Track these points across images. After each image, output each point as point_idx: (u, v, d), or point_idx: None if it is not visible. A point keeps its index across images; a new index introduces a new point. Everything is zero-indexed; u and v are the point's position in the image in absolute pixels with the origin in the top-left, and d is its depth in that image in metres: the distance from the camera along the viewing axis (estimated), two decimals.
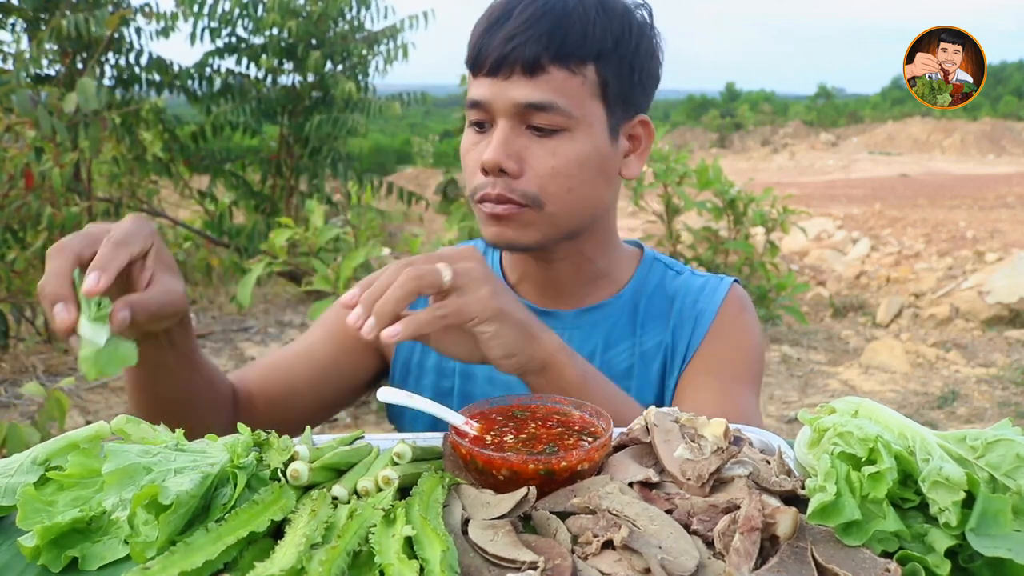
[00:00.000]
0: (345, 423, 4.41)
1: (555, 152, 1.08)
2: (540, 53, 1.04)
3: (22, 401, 4.14)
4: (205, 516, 0.69)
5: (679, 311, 1.24)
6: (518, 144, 1.08)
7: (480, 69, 1.09)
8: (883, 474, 0.64)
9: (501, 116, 1.08)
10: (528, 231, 1.10)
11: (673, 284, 1.27)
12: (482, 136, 1.12)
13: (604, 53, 1.08)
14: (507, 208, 1.08)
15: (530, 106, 1.06)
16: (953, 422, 4.66)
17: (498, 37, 1.06)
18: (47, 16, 5.80)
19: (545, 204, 1.09)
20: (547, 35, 1.04)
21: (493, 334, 0.92)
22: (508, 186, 1.08)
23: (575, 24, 1.06)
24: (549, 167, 1.08)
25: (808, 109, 43.65)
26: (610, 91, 1.10)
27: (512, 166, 1.07)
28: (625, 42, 1.10)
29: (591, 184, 1.12)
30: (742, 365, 1.21)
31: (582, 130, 1.09)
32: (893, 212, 12.93)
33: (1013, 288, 6.84)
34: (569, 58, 1.06)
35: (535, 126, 1.07)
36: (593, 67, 1.08)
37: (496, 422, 0.85)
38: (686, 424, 0.82)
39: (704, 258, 6.12)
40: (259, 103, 6.95)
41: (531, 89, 1.05)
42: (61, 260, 0.83)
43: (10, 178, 4.25)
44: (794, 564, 0.61)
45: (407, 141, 18.61)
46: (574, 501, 0.71)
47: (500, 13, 1.08)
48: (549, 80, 1.06)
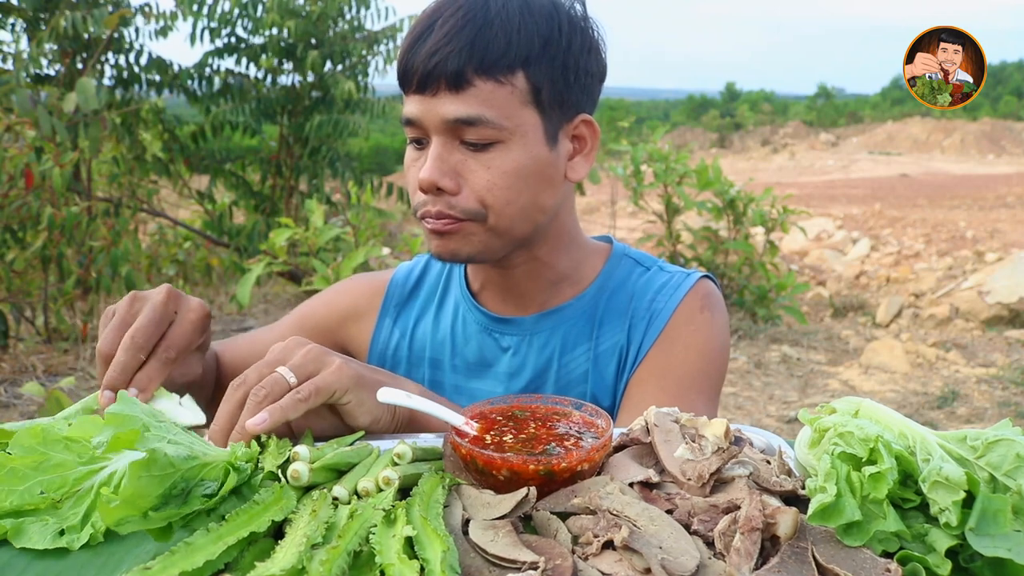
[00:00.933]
0: None
1: (490, 166, 1.05)
2: (463, 66, 1.02)
3: (22, 401, 4.14)
4: (183, 500, 0.69)
5: (635, 310, 1.19)
6: (453, 160, 1.06)
7: (408, 86, 1.06)
8: (883, 474, 0.64)
9: (433, 133, 1.06)
10: (470, 242, 1.09)
11: (637, 282, 1.22)
12: (421, 152, 1.10)
13: (532, 58, 1.04)
14: (447, 223, 1.07)
15: (459, 121, 1.03)
16: (953, 422, 4.66)
17: (422, 52, 1.03)
18: (47, 16, 5.80)
19: (487, 218, 1.07)
20: (469, 47, 1.01)
21: (357, 402, 0.89)
22: (447, 203, 1.06)
23: (497, 32, 1.02)
24: (485, 181, 1.06)
25: (808, 109, 43.67)
26: (543, 96, 1.07)
27: (448, 183, 1.05)
28: (555, 43, 1.06)
29: (531, 192, 1.09)
30: (695, 370, 1.15)
31: (516, 140, 1.06)
32: (893, 212, 12.94)
33: (1013, 288, 6.84)
34: (494, 68, 1.03)
35: (467, 141, 1.05)
36: (522, 74, 1.05)
37: (496, 422, 0.85)
38: (686, 424, 0.82)
39: (704, 258, 6.12)
40: (259, 103, 6.95)
41: (458, 104, 1.03)
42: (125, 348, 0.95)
43: (10, 178, 4.25)
44: (794, 564, 0.61)
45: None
46: (574, 501, 0.71)
47: (423, 28, 1.05)
48: (476, 93, 1.03)
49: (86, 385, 4.48)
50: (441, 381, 1.26)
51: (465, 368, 1.24)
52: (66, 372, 4.55)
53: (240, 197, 7.30)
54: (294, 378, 0.86)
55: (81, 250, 4.81)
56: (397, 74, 1.09)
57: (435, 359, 1.27)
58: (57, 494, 0.73)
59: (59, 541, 0.69)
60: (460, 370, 1.24)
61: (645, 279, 1.22)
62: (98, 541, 0.69)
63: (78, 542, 0.69)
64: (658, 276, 1.22)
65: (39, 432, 0.75)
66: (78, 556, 0.68)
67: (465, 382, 1.24)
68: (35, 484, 0.73)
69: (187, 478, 0.69)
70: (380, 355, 1.30)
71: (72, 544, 0.69)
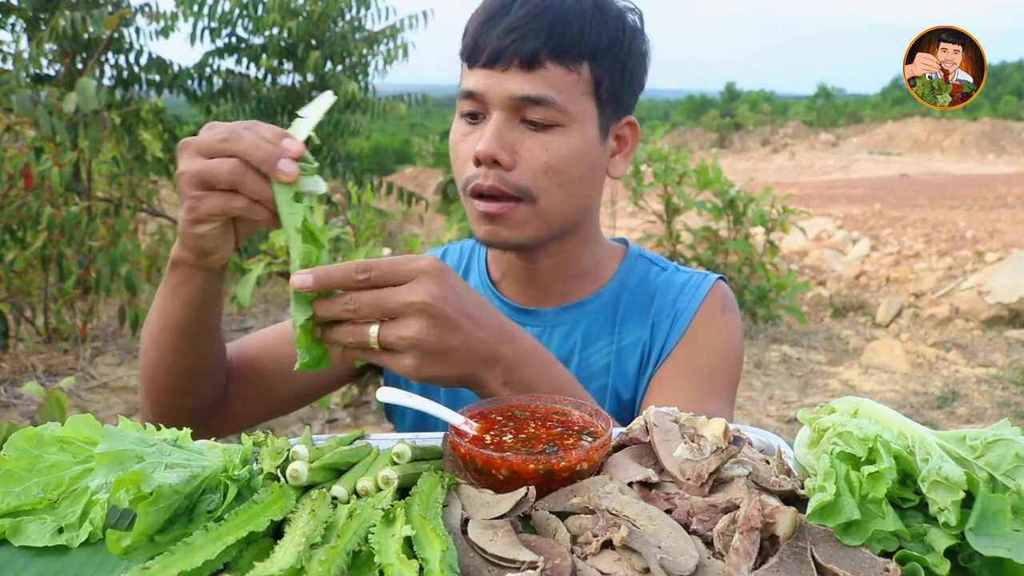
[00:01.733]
0: (345, 423, 4.41)
1: (548, 147, 1.08)
2: (539, 48, 1.05)
3: (22, 401, 4.14)
4: (188, 518, 0.70)
5: (658, 308, 1.23)
6: (511, 137, 1.08)
7: (476, 60, 1.09)
8: (882, 474, 0.64)
9: (496, 108, 1.08)
10: (521, 229, 1.11)
11: (656, 280, 1.26)
12: (474, 127, 1.12)
13: (599, 53, 1.09)
14: (501, 207, 1.09)
15: (526, 99, 1.06)
16: (953, 422, 4.66)
17: (497, 29, 1.06)
18: (47, 16, 5.80)
19: (538, 198, 1.09)
20: (546, 30, 1.05)
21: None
22: (501, 178, 1.07)
23: (573, 22, 1.07)
24: (542, 161, 1.08)
25: (808, 109, 43.68)
26: (603, 90, 1.11)
27: (506, 158, 1.07)
28: (619, 43, 1.11)
29: (581, 181, 1.12)
30: (716, 370, 1.19)
31: (575, 127, 1.09)
32: (893, 212, 12.94)
33: (1013, 288, 6.84)
34: (566, 55, 1.07)
35: (529, 120, 1.08)
36: (588, 66, 1.09)
37: (495, 422, 0.85)
38: (686, 424, 0.82)
39: (704, 258, 6.12)
40: (259, 103, 6.94)
41: (528, 83, 1.06)
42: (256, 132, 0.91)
43: (10, 178, 4.25)
44: (793, 564, 0.61)
45: (407, 141, 18.63)
46: (574, 501, 0.71)
47: (499, 6, 1.08)
48: (546, 75, 1.06)
49: (86, 385, 4.48)
50: None
51: None
52: (66, 372, 4.55)
53: None
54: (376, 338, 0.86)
55: (81, 250, 4.81)
56: (463, 48, 1.12)
57: None
58: (54, 494, 0.73)
59: (58, 539, 0.69)
60: None
61: (664, 278, 1.26)
62: (97, 539, 0.69)
63: (77, 540, 0.69)
64: (677, 276, 1.26)
65: (33, 434, 0.75)
66: (77, 554, 0.68)
67: None
68: (32, 485, 0.73)
69: (189, 497, 0.70)
70: None
71: (71, 542, 0.69)
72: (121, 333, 5.32)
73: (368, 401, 4.54)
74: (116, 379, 4.63)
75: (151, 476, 0.65)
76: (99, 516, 0.70)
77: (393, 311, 0.85)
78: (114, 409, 4.26)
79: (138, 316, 4.89)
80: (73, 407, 4.01)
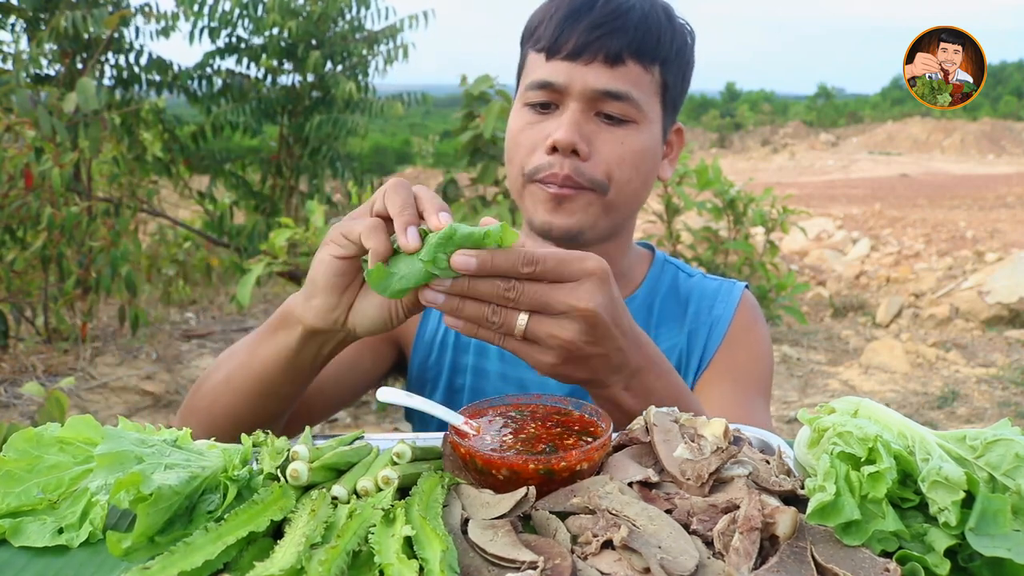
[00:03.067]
0: (345, 423, 4.41)
1: (623, 141, 1.12)
2: (624, 46, 1.10)
3: (22, 401, 4.14)
4: (188, 519, 0.70)
5: (695, 314, 1.26)
6: (588, 128, 1.11)
7: (557, 53, 1.12)
8: (882, 474, 0.64)
9: (574, 100, 1.11)
10: (587, 212, 1.12)
11: (686, 286, 1.30)
12: (543, 117, 1.14)
13: (669, 58, 1.15)
14: (573, 191, 1.11)
15: (607, 93, 1.10)
16: (953, 422, 4.66)
17: (582, 24, 1.10)
18: (47, 16, 5.80)
19: (609, 190, 1.12)
20: (632, 30, 1.10)
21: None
22: (576, 168, 1.10)
23: (652, 26, 1.12)
24: (617, 155, 1.12)
25: (808, 109, 43.67)
26: (668, 95, 1.17)
27: (584, 148, 1.10)
28: (683, 53, 1.18)
29: (645, 179, 1.17)
30: (754, 372, 1.24)
31: (646, 125, 1.14)
32: (893, 212, 12.94)
33: (1013, 288, 6.84)
34: (645, 56, 1.12)
35: (606, 114, 1.12)
36: (659, 69, 1.15)
37: (495, 422, 0.85)
38: (686, 424, 0.82)
39: (704, 258, 6.12)
40: (259, 103, 6.94)
41: (610, 78, 1.10)
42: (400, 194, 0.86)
43: (10, 178, 4.24)
44: (794, 564, 0.61)
45: (407, 141, 18.62)
46: (574, 501, 0.71)
47: (581, 3, 1.12)
48: (626, 72, 1.11)
49: (86, 385, 4.48)
50: (486, 369, 1.26)
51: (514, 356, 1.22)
52: (66, 372, 4.55)
53: (240, 197, 7.30)
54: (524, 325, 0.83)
55: (81, 250, 4.80)
56: (539, 39, 1.14)
57: (481, 345, 1.27)
58: (54, 495, 0.73)
59: (58, 539, 0.69)
60: (508, 358, 1.24)
61: (693, 284, 1.31)
62: (97, 539, 0.69)
63: (77, 540, 0.69)
64: (706, 283, 1.31)
65: (33, 435, 0.75)
66: (77, 554, 0.69)
67: (513, 370, 1.25)
68: (32, 485, 0.73)
69: (189, 497, 0.70)
70: (428, 342, 1.29)
71: (71, 542, 0.69)
72: (121, 333, 5.32)
73: (368, 401, 4.54)
74: (116, 379, 4.63)
75: (151, 477, 0.65)
76: (99, 516, 0.70)
77: (554, 309, 0.82)
78: (114, 409, 4.26)
79: (138, 316, 4.90)
80: (73, 407, 4.01)
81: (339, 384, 1.22)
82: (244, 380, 1.02)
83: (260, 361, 0.99)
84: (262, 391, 1.01)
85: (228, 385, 1.03)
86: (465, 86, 4.58)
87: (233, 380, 1.03)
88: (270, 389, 1.01)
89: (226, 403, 1.04)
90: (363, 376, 1.26)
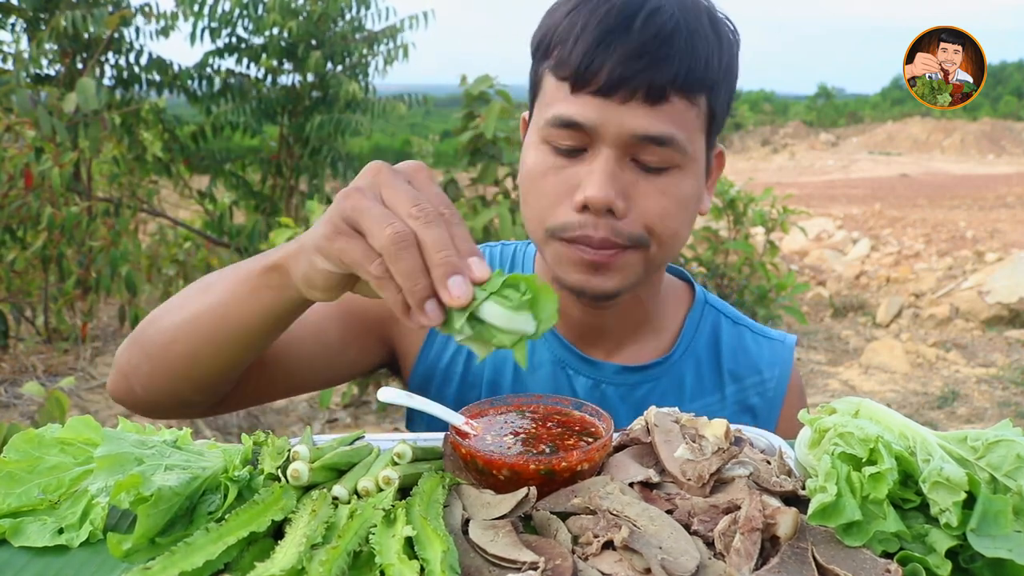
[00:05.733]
0: (345, 423, 4.41)
1: (665, 191, 0.94)
2: (668, 80, 0.90)
3: (22, 401, 4.14)
4: (189, 520, 0.70)
5: (734, 372, 1.13)
6: (624, 179, 0.93)
7: (585, 86, 0.91)
8: (884, 475, 0.64)
9: (607, 144, 0.92)
10: (625, 275, 0.97)
11: (731, 342, 1.15)
12: (570, 162, 0.95)
13: (717, 83, 0.96)
14: (612, 255, 0.94)
15: (648, 138, 0.91)
16: (953, 422, 4.66)
17: (617, 51, 0.89)
18: (47, 16, 5.80)
19: (649, 246, 0.96)
20: (678, 58, 0.90)
21: None
22: (613, 228, 0.93)
23: (700, 49, 0.92)
24: (660, 208, 0.94)
25: (808, 109, 43.66)
26: (714, 123, 0.99)
27: (621, 205, 0.92)
28: (732, 69, 0.99)
29: (689, 224, 1.00)
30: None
31: (690, 167, 0.96)
32: (893, 212, 12.94)
33: (1013, 288, 6.84)
34: (691, 87, 0.92)
35: (643, 161, 0.93)
36: (705, 98, 0.95)
37: (496, 422, 0.85)
38: (686, 425, 0.82)
39: (704, 258, 6.12)
40: (259, 103, 6.94)
41: (652, 119, 0.91)
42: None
43: (10, 178, 4.24)
44: (795, 564, 0.61)
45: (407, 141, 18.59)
46: (575, 501, 0.71)
47: (615, 22, 0.90)
48: (670, 111, 0.91)
49: (86, 385, 4.48)
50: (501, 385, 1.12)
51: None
52: (66, 372, 4.55)
53: (240, 197, 7.30)
54: None
55: (81, 250, 4.80)
56: (566, 63, 0.93)
57: (494, 381, 1.12)
58: (54, 495, 0.73)
59: (58, 539, 0.69)
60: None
61: (740, 342, 1.16)
62: (97, 539, 0.69)
63: (77, 540, 0.69)
64: (755, 343, 1.16)
65: (33, 436, 0.76)
66: (77, 554, 0.69)
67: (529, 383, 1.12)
68: (32, 486, 0.73)
69: (190, 498, 0.70)
70: (430, 366, 1.14)
71: (71, 542, 0.69)
72: (121, 333, 5.32)
73: (368, 401, 4.54)
74: None
75: (151, 479, 0.66)
76: (99, 517, 0.70)
77: None
78: (114, 409, 4.26)
79: (138, 316, 4.89)
80: (73, 407, 4.01)
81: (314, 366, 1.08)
82: (214, 324, 0.89)
83: (240, 312, 0.87)
84: (235, 340, 0.89)
85: (194, 324, 0.90)
86: (465, 86, 4.58)
87: (201, 321, 0.89)
88: (246, 341, 0.89)
89: (187, 343, 0.90)
90: (345, 367, 1.13)
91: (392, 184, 0.69)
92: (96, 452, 0.69)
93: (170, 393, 0.96)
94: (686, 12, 0.93)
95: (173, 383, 0.94)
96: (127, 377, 0.97)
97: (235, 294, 0.87)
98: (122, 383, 0.98)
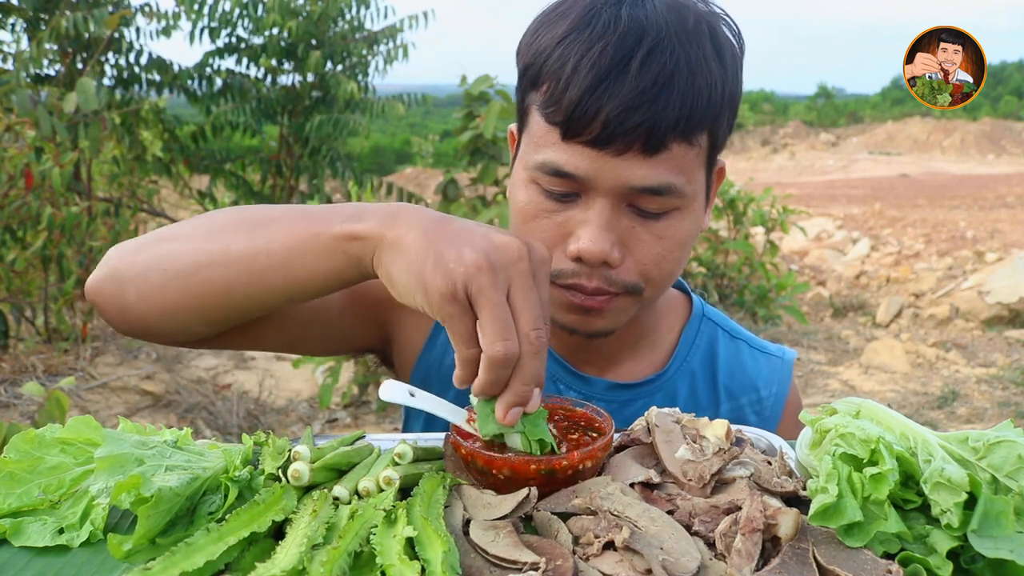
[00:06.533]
0: (345, 423, 4.41)
1: (662, 236, 0.91)
2: (667, 128, 0.85)
3: (22, 401, 4.14)
4: (190, 520, 0.70)
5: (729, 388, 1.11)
6: (620, 227, 0.90)
7: (577, 134, 0.86)
8: (885, 475, 0.64)
9: (602, 195, 0.88)
10: (616, 318, 0.97)
11: (727, 358, 1.12)
12: (562, 206, 0.91)
13: (720, 111, 0.90)
14: (604, 300, 0.93)
15: (645, 190, 0.87)
16: (953, 422, 4.66)
17: (612, 100, 0.84)
18: (47, 16, 5.81)
19: (644, 290, 0.95)
20: (678, 104, 0.84)
21: None
22: (607, 278, 0.91)
23: (702, 85, 0.86)
24: (655, 254, 0.92)
25: (808, 109, 43.68)
26: (715, 150, 0.94)
27: (616, 256, 0.90)
28: (738, 93, 0.93)
29: (685, 260, 0.97)
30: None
31: (689, 206, 0.92)
32: (893, 212, 12.95)
33: (1013, 288, 6.84)
34: (692, 129, 0.87)
35: (640, 207, 0.90)
36: (707, 133, 0.90)
37: None
38: (687, 425, 0.82)
39: (704, 258, 6.12)
40: (259, 103, 6.95)
41: (648, 170, 0.86)
42: None
43: (10, 178, 4.24)
44: (796, 565, 0.61)
45: (407, 141, 18.63)
46: (575, 502, 0.71)
47: (611, 63, 0.84)
48: (669, 158, 0.87)
49: (86, 385, 4.48)
50: None
51: None
52: (66, 372, 4.55)
53: (240, 197, 7.30)
54: None
55: (81, 250, 4.80)
56: (555, 106, 0.87)
57: None
58: (55, 495, 0.73)
59: (58, 539, 0.69)
60: None
61: (737, 357, 1.13)
62: (97, 539, 0.69)
63: (78, 540, 0.69)
64: (753, 358, 1.14)
65: (34, 436, 0.76)
66: (77, 554, 0.68)
67: None
68: (33, 486, 0.73)
69: (190, 499, 0.70)
70: (431, 367, 1.12)
71: (72, 542, 0.69)
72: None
73: (368, 401, 4.54)
74: (116, 379, 4.63)
75: (151, 479, 0.65)
76: (100, 517, 0.70)
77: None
78: (114, 409, 4.26)
79: None
80: (73, 407, 4.01)
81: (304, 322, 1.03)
82: (268, 267, 0.82)
83: (303, 265, 0.81)
84: (283, 288, 0.84)
85: (240, 258, 0.83)
86: (465, 86, 4.58)
87: (255, 259, 0.83)
88: (292, 293, 0.84)
89: (224, 274, 0.84)
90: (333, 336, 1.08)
91: (524, 287, 0.71)
92: (97, 453, 0.69)
93: (171, 313, 0.88)
94: (687, 43, 0.86)
95: (183, 306, 0.87)
96: (122, 281, 0.88)
97: (304, 245, 0.81)
98: (110, 284, 0.89)
